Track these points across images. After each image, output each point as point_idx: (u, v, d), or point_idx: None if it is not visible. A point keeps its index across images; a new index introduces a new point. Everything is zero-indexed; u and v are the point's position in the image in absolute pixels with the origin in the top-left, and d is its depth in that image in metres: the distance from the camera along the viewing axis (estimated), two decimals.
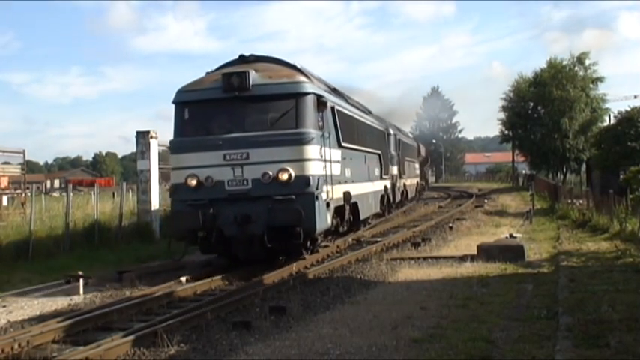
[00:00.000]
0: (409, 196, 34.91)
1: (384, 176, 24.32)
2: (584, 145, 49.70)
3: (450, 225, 23.16)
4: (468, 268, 13.74)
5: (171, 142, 14.44)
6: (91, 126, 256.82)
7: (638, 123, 35.18)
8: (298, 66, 15.30)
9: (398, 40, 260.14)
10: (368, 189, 20.68)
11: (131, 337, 8.40)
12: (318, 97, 14.37)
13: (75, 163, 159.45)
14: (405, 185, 32.04)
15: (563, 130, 50.59)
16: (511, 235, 17.92)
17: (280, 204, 13.09)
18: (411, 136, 48.86)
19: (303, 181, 13.23)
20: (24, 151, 26.99)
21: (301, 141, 13.46)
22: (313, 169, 13.52)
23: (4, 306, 11.83)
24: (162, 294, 11.39)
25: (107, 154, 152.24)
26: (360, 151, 19.50)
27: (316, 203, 13.40)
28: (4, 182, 27.85)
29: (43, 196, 33.73)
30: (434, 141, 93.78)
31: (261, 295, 11.04)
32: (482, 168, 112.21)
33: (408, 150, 35.40)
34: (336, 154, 15.75)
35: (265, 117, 13.77)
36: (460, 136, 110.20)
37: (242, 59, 14.97)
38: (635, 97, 67.22)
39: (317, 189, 13.48)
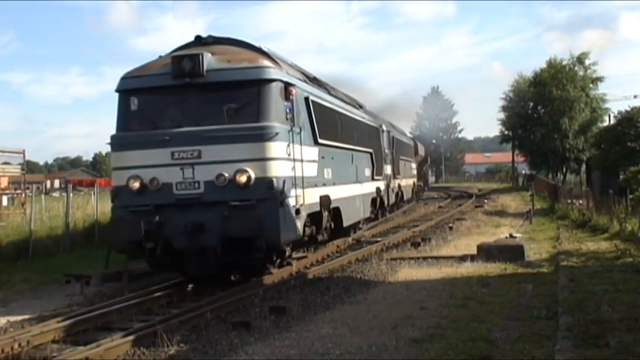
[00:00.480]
0: (405, 198, 32.97)
1: (376, 177, 22.26)
2: (584, 145, 49.75)
3: (450, 225, 23.17)
4: (468, 268, 13.74)
5: (111, 137, 12.25)
6: (91, 126, 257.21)
7: (638, 123, 35.20)
8: (265, 49, 13.22)
9: (398, 40, 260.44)
10: (355, 191, 18.54)
11: (131, 337, 8.40)
12: (286, 85, 12.41)
13: (75, 163, 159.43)
14: (399, 186, 30.04)
15: (563, 130, 50.62)
16: (511, 235, 17.93)
17: (237, 211, 11.22)
18: (407, 133, 48.56)
19: (265, 183, 11.34)
20: (24, 151, 27.04)
21: (263, 136, 11.50)
22: (278, 170, 11.62)
23: (4, 306, 11.84)
24: (162, 294, 11.39)
25: (107, 154, 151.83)
26: (344, 149, 17.47)
27: (281, 210, 11.48)
28: (4, 182, 27.85)
29: (43, 196, 33.71)
30: (434, 141, 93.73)
31: (261, 295, 11.03)
32: (482, 168, 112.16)
33: (404, 148, 33.61)
34: (311, 152, 13.81)
35: (221, 108, 11.77)
36: (460, 136, 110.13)
37: (199, 41, 12.86)
38: (635, 97, 67.26)
39: (282, 193, 11.57)
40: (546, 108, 52.15)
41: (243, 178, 11.29)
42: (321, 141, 14.54)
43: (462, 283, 12.14)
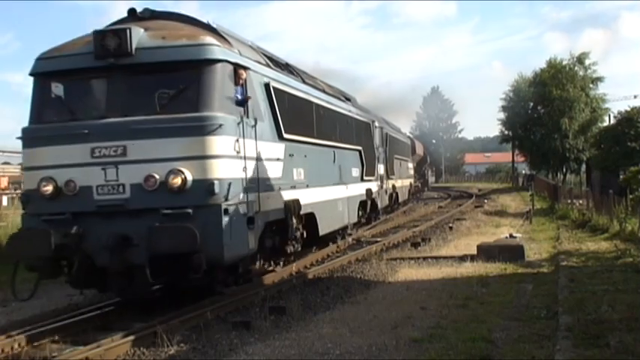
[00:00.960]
0: (400, 200, 31.37)
1: (366, 177, 20.34)
2: (584, 145, 49.79)
3: (450, 225, 23.19)
4: (468, 268, 13.74)
5: (22, 130, 10.21)
6: None
7: (638, 123, 35.24)
8: (213, 25, 11.11)
9: (398, 40, 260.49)
10: (337, 194, 16.54)
11: (131, 337, 8.40)
12: (236, 66, 10.40)
13: None
14: (394, 187, 28.25)
15: (563, 130, 50.65)
16: (511, 235, 17.93)
17: (169, 221, 9.26)
18: (407, 133, 48.30)
19: (205, 187, 9.38)
20: None
21: (202, 129, 9.52)
22: (221, 171, 9.63)
23: (4, 306, 11.84)
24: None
25: None
26: (323, 146, 15.49)
27: (225, 219, 9.53)
28: (4, 182, 27.92)
29: None
30: (434, 141, 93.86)
31: (261, 295, 11.03)
32: (482, 168, 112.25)
33: (399, 147, 31.85)
34: (274, 149, 11.89)
35: (153, 95, 9.76)
36: (460, 136, 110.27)
37: (133, 15, 10.67)
38: (635, 97, 67.32)
39: (227, 198, 9.60)
40: (546, 108, 52.18)
41: (177, 181, 9.34)
42: (287, 136, 12.54)
43: (462, 283, 12.14)
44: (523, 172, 63.66)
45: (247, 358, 7.74)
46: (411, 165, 37.96)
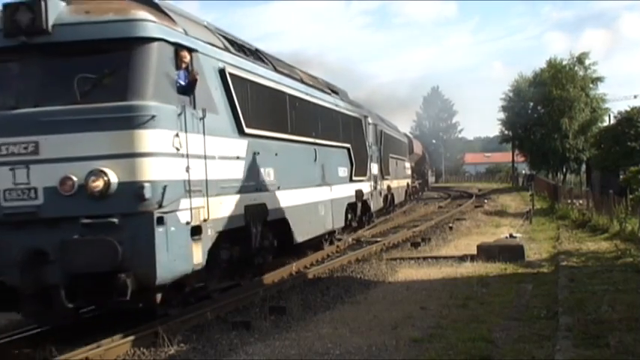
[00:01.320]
0: (396, 201, 29.95)
1: (356, 177, 18.81)
2: (584, 145, 49.85)
3: (450, 225, 23.19)
4: (468, 268, 13.75)
5: None
6: None
7: (638, 123, 35.27)
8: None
9: (399, 40, 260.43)
10: (318, 197, 15.01)
11: (131, 337, 8.40)
12: (178, 47, 8.88)
13: None
14: (389, 188, 26.75)
15: (563, 130, 50.70)
16: (511, 235, 17.95)
17: (90, 232, 7.78)
18: (407, 132, 48.14)
19: (133, 191, 7.86)
20: None
21: (131, 121, 7.97)
22: (155, 171, 8.07)
23: None
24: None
25: None
26: (300, 143, 13.92)
27: (159, 230, 7.97)
28: None
29: None
30: (434, 141, 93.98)
31: (261, 295, 11.03)
32: (482, 168, 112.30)
33: (396, 145, 30.56)
34: (230, 145, 10.32)
35: (72, 80, 8.13)
36: (460, 136, 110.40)
37: None
38: (635, 97, 67.38)
39: (162, 205, 8.04)
40: (546, 108, 52.23)
41: (98, 184, 7.83)
42: (250, 131, 10.98)
43: (462, 283, 12.15)
44: (523, 172, 63.70)
45: (247, 358, 7.74)
46: (408, 165, 36.99)
